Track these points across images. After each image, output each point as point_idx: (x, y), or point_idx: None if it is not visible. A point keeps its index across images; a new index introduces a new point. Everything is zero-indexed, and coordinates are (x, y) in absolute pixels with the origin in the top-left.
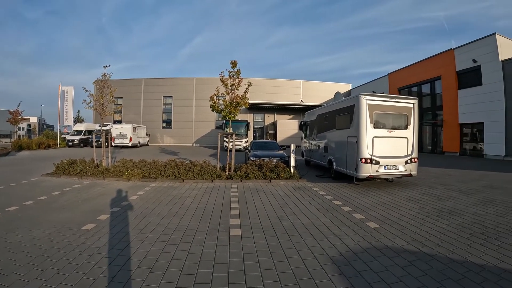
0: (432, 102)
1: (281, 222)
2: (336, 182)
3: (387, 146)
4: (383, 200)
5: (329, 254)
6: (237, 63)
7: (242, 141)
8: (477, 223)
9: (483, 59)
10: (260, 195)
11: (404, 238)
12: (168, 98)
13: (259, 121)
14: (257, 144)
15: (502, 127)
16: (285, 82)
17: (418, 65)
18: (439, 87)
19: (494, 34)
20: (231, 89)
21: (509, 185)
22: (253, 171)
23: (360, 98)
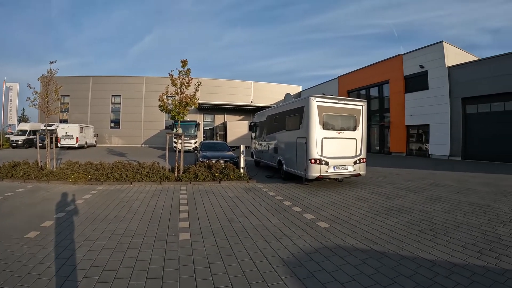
0: (380, 104)
1: (231, 225)
2: (286, 183)
3: (336, 147)
4: (333, 200)
5: (281, 256)
6: (187, 62)
7: (192, 142)
8: (425, 220)
9: (430, 65)
10: (209, 197)
11: (355, 237)
12: (116, 97)
13: (209, 121)
14: (206, 145)
15: (447, 129)
16: (235, 82)
17: (367, 69)
18: (387, 91)
19: (441, 42)
20: (180, 88)
21: (453, 183)
22: (202, 172)
23: (309, 100)
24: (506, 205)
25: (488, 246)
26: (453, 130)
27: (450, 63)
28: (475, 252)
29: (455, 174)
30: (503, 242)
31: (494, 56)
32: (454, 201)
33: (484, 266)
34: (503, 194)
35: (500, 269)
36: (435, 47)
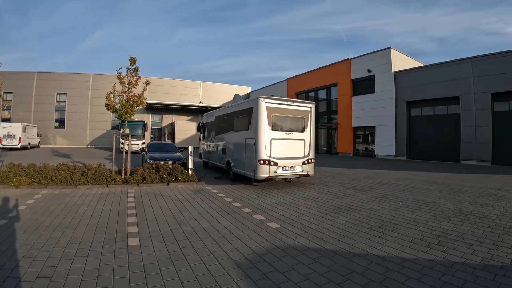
0: (328, 106)
1: (181, 228)
2: (235, 184)
3: (284, 148)
4: (282, 200)
5: (233, 258)
6: (136, 60)
7: (139, 143)
8: (374, 217)
9: (377, 69)
10: (158, 199)
11: (306, 236)
12: (62, 95)
13: (157, 122)
14: (154, 146)
15: (392, 130)
16: (184, 82)
17: (316, 72)
18: (335, 93)
19: (389, 48)
20: (128, 87)
21: (399, 181)
22: (150, 174)
23: (259, 101)
24: (450, 202)
25: (436, 240)
26: (398, 131)
27: (397, 68)
28: (423, 247)
29: (400, 173)
30: (449, 237)
31: (437, 63)
32: (401, 199)
33: (433, 259)
34: (447, 192)
35: (448, 262)
36: (383, 53)
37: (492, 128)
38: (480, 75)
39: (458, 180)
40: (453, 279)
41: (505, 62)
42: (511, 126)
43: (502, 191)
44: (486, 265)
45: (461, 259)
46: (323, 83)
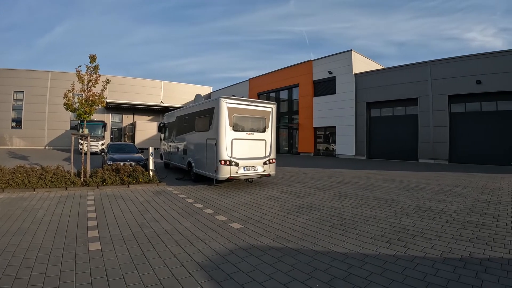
0: (289, 107)
1: (142, 231)
2: (196, 185)
3: (246, 148)
4: (244, 200)
5: (196, 260)
6: (96, 57)
7: (99, 144)
8: (335, 215)
9: (338, 71)
10: (118, 202)
11: (268, 236)
12: (19, 93)
13: (117, 122)
14: (114, 146)
15: (352, 130)
16: (146, 81)
17: (278, 72)
18: (296, 94)
19: (350, 51)
20: (87, 86)
21: (359, 180)
22: (110, 176)
23: (220, 101)
24: (409, 199)
25: (396, 236)
26: (358, 131)
27: (357, 71)
28: (384, 243)
29: (360, 172)
30: (409, 232)
31: (396, 66)
32: (361, 197)
33: (394, 255)
34: (406, 189)
35: (409, 256)
36: (344, 55)
37: (449, 128)
38: (438, 78)
39: (416, 178)
40: (414, 272)
41: (461, 66)
42: (467, 126)
43: (459, 187)
44: (446, 258)
45: (421, 253)
46: (285, 84)
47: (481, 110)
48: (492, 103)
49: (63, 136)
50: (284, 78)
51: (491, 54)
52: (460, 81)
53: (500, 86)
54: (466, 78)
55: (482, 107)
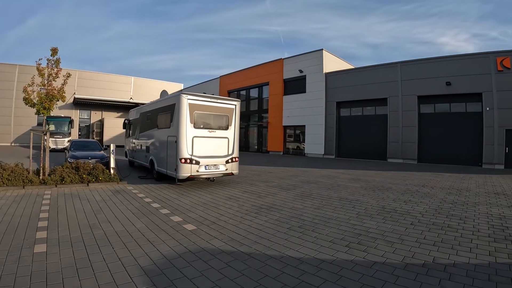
0: (259, 105)
1: (92, 232)
2: (158, 184)
3: (207, 146)
4: (203, 200)
5: (141, 264)
6: (57, 50)
7: (65, 140)
8: (295, 217)
9: (309, 70)
10: (74, 201)
11: (221, 238)
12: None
13: (86, 118)
14: (77, 144)
15: (321, 129)
16: (116, 77)
17: (249, 70)
18: (266, 92)
19: (321, 50)
20: (48, 80)
21: (325, 179)
22: (69, 174)
23: (181, 97)
24: (374, 199)
25: (356, 239)
26: (327, 131)
27: (328, 70)
28: (343, 247)
29: (327, 171)
30: (370, 235)
31: (367, 66)
32: (325, 197)
33: (352, 260)
34: (371, 189)
35: (368, 262)
36: (315, 54)
37: (418, 128)
38: (408, 78)
39: (383, 177)
40: (372, 280)
41: (432, 67)
42: (436, 126)
43: (426, 188)
44: (407, 264)
45: (382, 258)
46: (256, 82)
47: (450, 111)
48: (461, 104)
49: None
50: (255, 76)
51: (461, 57)
52: (430, 82)
53: (469, 88)
54: (436, 79)
55: (452, 108)
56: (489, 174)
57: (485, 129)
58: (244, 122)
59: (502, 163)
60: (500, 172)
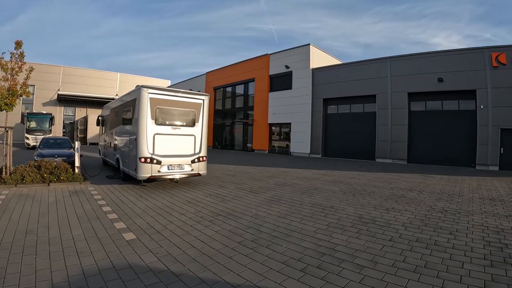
0: (245, 102)
1: (25, 238)
2: (123, 184)
3: (170, 144)
4: (160, 204)
5: (54, 280)
6: (22, 43)
7: None
8: (252, 227)
9: (295, 65)
10: (26, 203)
11: (157, 252)
12: None
13: (70, 115)
14: (47, 141)
15: (308, 128)
16: (101, 73)
17: (235, 66)
18: (252, 89)
19: (308, 45)
20: (11, 74)
21: (302, 181)
22: (30, 173)
23: (141, 91)
24: (351, 206)
25: (317, 261)
26: (314, 129)
27: (315, 65)
28: (296, 272)
29: (308, 172)
30: (336, 255)
31: (355, 62)
32: (296, 203)
33: None
34: (351, 193)
35: None
36: (302, 49)
37: (408, 127)
38: (398, 74)
39: (367, 179)
40: None
41: (423, 63)
42: (427, 125)
43: (413, 192)
44: None
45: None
46: (241, 78)
47: (442, 109)
48: (454, 102)
49: (15, 130)
50: (241, 72)
51: (454, 52)
52: (421, 79)
53: (462, 85)
54: (427, 75)
55: (444, 106)
56: (483, 176)
57: (479, 128)
58: (229, 120)
59: (497, 165)
60: (494, 174)
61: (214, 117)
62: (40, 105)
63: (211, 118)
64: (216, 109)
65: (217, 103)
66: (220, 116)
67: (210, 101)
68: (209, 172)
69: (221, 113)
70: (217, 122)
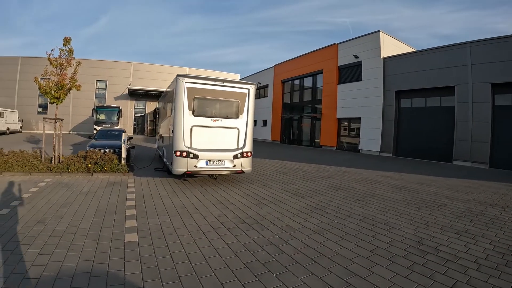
0: (313, 95)
1: (32, 227)
2: (167, 177)
3: (209, 138)
4: (187, 203)
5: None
6: (70, 40)
7: None
8: (274, 243)
9: (365, 55)
10: (59, 191)
11: (145, 262)
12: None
13: (141, 108)
14: (102, 132)
15: (379, 123)
16: (170, 68)
17: (303, 58)
18: (320, 81)
19: (378, 32)
20: (61, 69)
21: (361, 185)
22: (76, 162)
23: (177, 80)
24: (412, 225)
25: None
26: (385, 124)
27: (386, 54)
28: None
29: (371, 174)
30: None
31: (430, 48)
32: (343, 214)
33: None
34: (416, 205)
35: None
36: (371, 37)
37: (491, 124)
38: (480, 62)
39: (439, 187)
40: None
41: (509, 47)
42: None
43: (494, 208)
44: None
45: None
46: (309, 70)
47: None
48: None
49: (86, 122)
50: (308, 63)
51: None
52: (506, 66)
53: None
54: None
55: None
56: None
57: None
58: (297, 114)
59: None
60: None
61: (282, 111)
62: (112, 99)
63: (278, 112)
64: (284, 103)
65: (285, 96)
66: (288, 110)
67: (278, 94)
68: (261, 168)
69: (289, 107)
70: (285, 116)
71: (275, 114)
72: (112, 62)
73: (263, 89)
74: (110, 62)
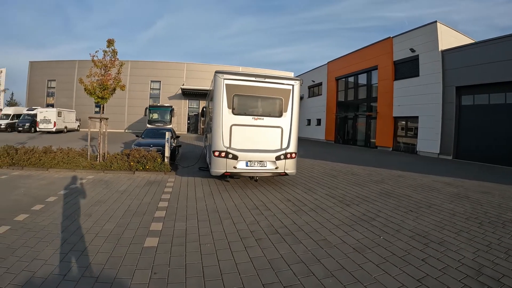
0: (368, 93)
1: (59, 223)
2: (209, 177)
3: (250, 137)
4: (222, 206)
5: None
6: (113, 41)
7: None
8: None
9: (422, 48)
10: (96, 189)
11: (156, 272)
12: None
13: (195, 107)
14: (149, 131)
15: (438, 122)
16: (222, 68)
17: (357, 53)
18: (375, 78)
19: (435, 22)
20: (105, 70)
21: (416, 192)
22: (119, 161)
23: (215, 77)
24: (472, 246)
25: None
26: (445, 124)
27: (444, 47)
28: None
29: (429, 179)
30: None
31: (494, 38)
32: (391, 228)
33: None
34: (478, 221)
35: None
36: (428, 28)
37: None
38: None
39: (507, 197)
40: None
41: None
42: None
43: None
44: None
45: None
46: (363, 66)
47: None
48: None
49: (140, 121)
50: (362, 59)
51: None
52: None
53: None
54: None
55: None
56: None
57: None
58: (351, 113)
59: None
60: None
61: (337, 109)
62: (166, 99)
63: (333, 111)
64: (338, 101)
65: (339, 94)
66: (342, 108)
67: (332, 92)
68: (309, 169)
69: (343, 105)
70: (340, 115)
71: (329, 113)
72: (165, 63)
73: (317, 87)
74: (164, 63)
